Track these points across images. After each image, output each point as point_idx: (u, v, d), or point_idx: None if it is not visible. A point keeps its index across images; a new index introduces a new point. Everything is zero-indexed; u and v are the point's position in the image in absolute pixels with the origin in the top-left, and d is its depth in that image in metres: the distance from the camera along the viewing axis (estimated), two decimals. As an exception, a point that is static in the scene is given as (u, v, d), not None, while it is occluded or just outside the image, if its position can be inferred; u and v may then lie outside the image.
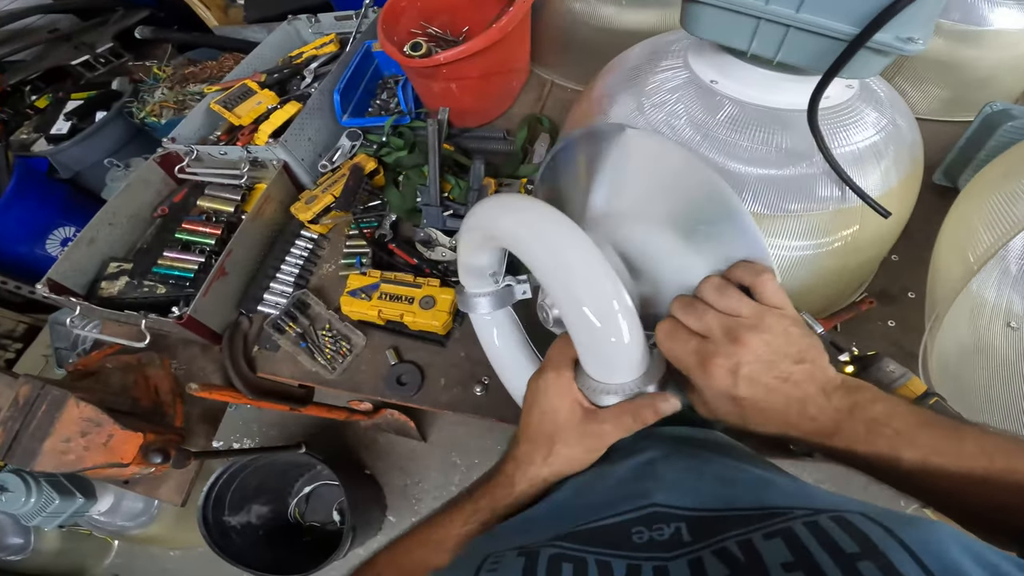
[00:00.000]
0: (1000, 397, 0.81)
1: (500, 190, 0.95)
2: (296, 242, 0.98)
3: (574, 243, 0.43)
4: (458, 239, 0.59)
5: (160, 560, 1.88)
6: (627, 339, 0.41)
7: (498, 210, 0.50)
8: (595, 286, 0.41)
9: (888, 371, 0.65)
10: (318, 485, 1.74)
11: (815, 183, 0.68)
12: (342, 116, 1.04)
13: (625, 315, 0.41)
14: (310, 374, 0.93)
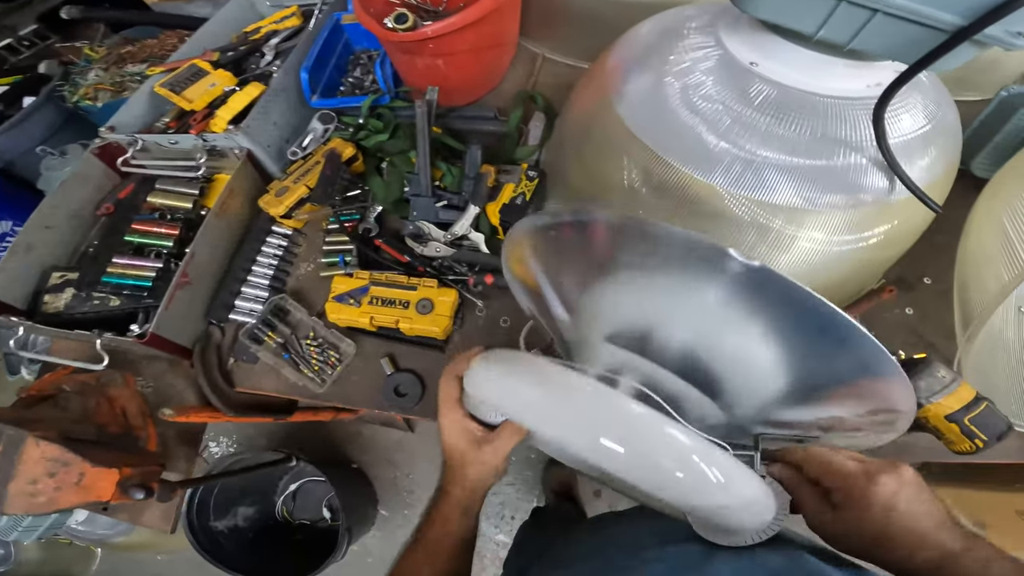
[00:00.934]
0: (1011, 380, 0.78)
1: (500, 177, 0.84)
2: (268, 240, 0.85)
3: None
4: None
5: (147, 565, 1.76)
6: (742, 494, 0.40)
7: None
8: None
9: (940, 376, 0.60)
10: (304, 482, 1.64)
11: (859, 175, 0.60)
12: (311, 97, 0.89)
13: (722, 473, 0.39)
14: (296, 388, 0.82)
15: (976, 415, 0.60)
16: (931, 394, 0.61)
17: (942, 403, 0.60)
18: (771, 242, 0.65)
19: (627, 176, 0.70)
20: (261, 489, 1.60)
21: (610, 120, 0.70)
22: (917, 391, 0.61)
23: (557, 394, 0.42)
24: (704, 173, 0.63)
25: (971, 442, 0.61)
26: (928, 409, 0.61)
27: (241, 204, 0.84)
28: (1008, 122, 0.80)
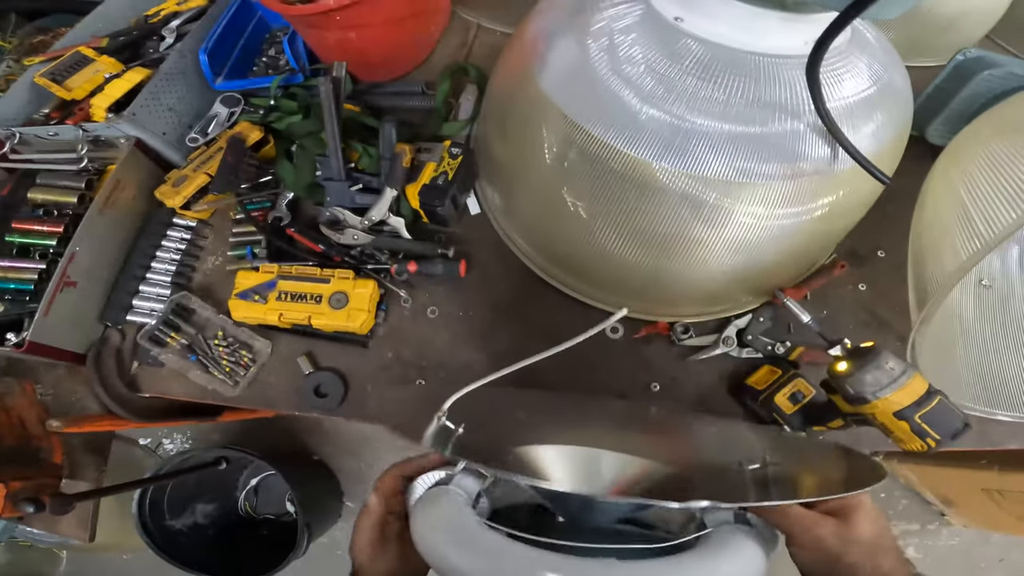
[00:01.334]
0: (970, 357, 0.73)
1: (417, 157, 0.76)
2: (168, 233, 0.76)
3: None
4: None
5: (114, 564, 1.72)
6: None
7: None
8: None
9: (888, 368, 0.54)
10: (265, 476, 1.59)
11: (798, 143, 0.53)
12: (215, 79, 0.81)
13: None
14: (207, 391, 0.75)
15: (928, 411, 0.53)
16: (878, 388, 0.54)
17: (890, 399, 0.54)
18: (706, 218, 0.59)
19: (548, 149, 0.63)
20: (220, 485, 1.54)
21: (530, 90, 0.62)
22: (863, 385, 0.55)
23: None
24: (629, 144, 0.55)
25: (922, 441, 0.55)
26: (875, 405, 0.55)
27: (134, 196, 0.75)
28: (965, 87, 0.74)
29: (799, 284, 0.76)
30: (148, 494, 1.35)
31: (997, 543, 1.56)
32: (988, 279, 0.76)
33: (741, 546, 0.39)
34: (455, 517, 0.41)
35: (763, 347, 0.74)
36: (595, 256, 0.68)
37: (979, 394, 0.70)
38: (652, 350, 0.77)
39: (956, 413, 0.55)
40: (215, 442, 1.65)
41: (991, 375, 0.71)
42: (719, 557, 0.39)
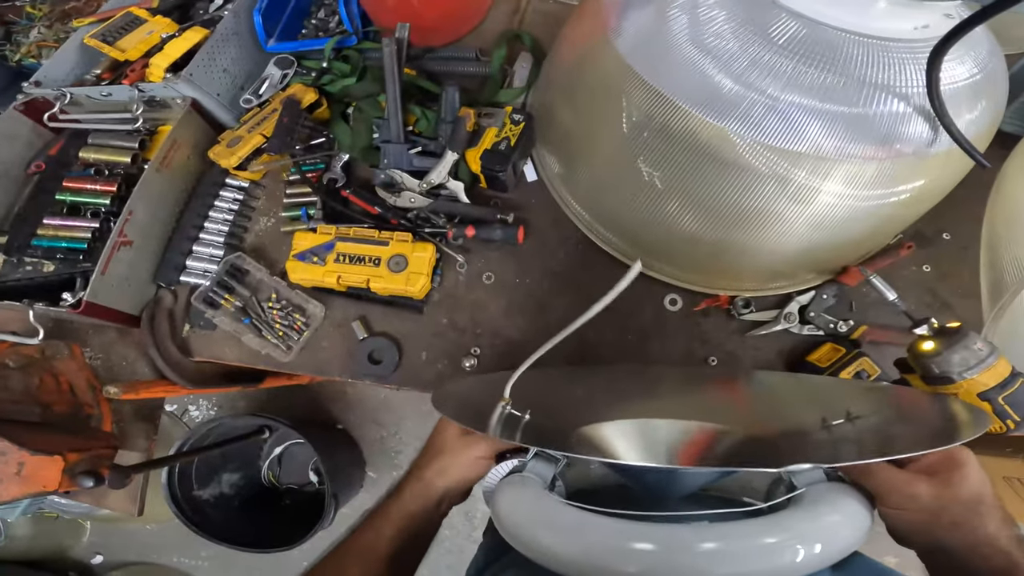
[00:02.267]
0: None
1: (480, 121, 0.74)
2: (221, 193, 0.74)
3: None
4: None
5: (138, 535, 1.73)
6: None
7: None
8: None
9: (976, 349, 0.52)
10: (288, 445, 1.58)
11: (898, 124, 0.51)
12: (267, 41, 0.78)
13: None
14: (260, 356, 0.74)
15: (1011, 393, 0.53)
16: (965, 369, 0.53)
17: (977, 379, 0.53)
18: (791, 194, 0.57)
19: (627, 120, 0.60)
20: (245, 455, 1.54)
21: (607, 58, 0.60)
22: (950, 365, 0.54)
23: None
24: (717, 117, 0.53)
25: (1002, 422, 0.54)
26: (960, 385, 0.54)
27: (188, 156, 0.73)
28: None
29: (865, 263, 0.74)
30: (177, 465, 1.35)
31: None
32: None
33: (839, 500, 0.38)
34: (536, 499, 0.42)
35: (825, 324, 0.73)
36: (660, 227, 0.67)
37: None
38: (710, 323, 0.75)
39: None
40: (241, 409, 1.64)
41: None
42: (818, 511, 0.37)
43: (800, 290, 0.75)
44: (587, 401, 0.63)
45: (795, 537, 0.34)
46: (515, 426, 0.49)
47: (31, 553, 1.66)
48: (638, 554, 0.34)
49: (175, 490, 1.35)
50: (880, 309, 0.74)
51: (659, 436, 0.54)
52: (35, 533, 1.66)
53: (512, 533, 0.40)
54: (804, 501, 0.38)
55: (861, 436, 0.47)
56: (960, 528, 0.37)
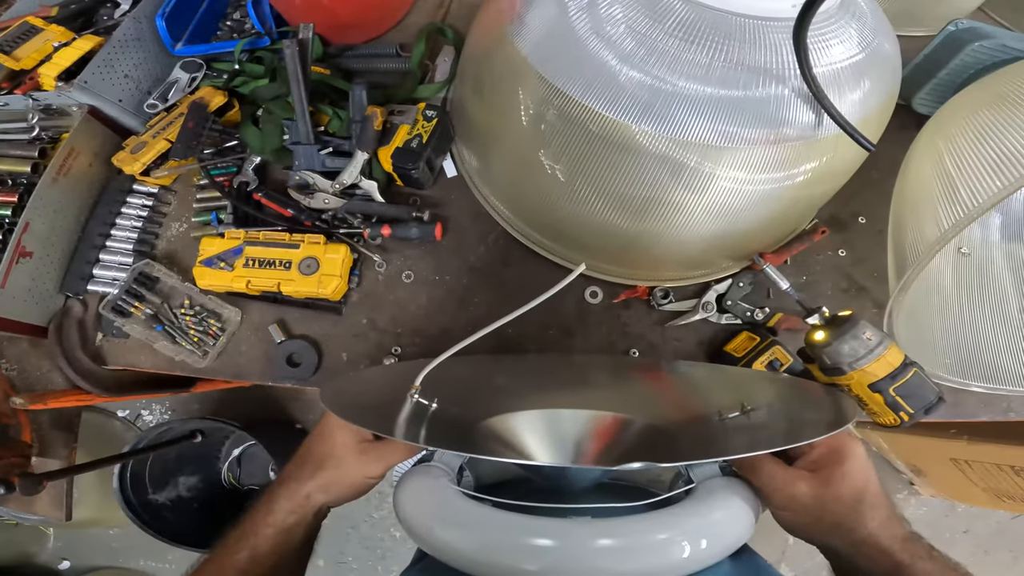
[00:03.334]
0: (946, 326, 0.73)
1: (390, 119, 0.73)
2: (129, 200, 0.72)
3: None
4: None
5: (102, 539, 1.72)
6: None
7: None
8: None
9: (865, 339, 0.52)
10: (247, 446, 1.57)
11: (783, 108, 0.51)
12: (174, 45, 0.76)
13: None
14: (175, 363, 0.73)
15: (903, 384, 0.52)
16: (855, 359, 0.53)
17: (866, 370, 0.52)
18: (686, 182, 0.56)
19: (524, 113, 0.60)
20: (201, 457, 1.52)
21: (506, 50, 0.59)
22: (840, 355, 0.54)
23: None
24: (608, 106, 0.53)
25: (895, 415, 0.54)
26: (851, 376, 0.54)
27: (90, 164, 0.71)
28: (954, 58, 0.72)
29: (779, 249, 0.74)
30: (128, 469, 1.33)
31: (962, 514, 1.57)
32: (968, 247, 0.76)
33: (727, 497, 0.39)
34: (438, 493, 0.41)
35: (742, 313, 0.73)
36: (573, 219, 0.66)
37: (953, 364, 0.69)
38: (631, 315, 0.75)
39: (930, 386, 0.54)
40: (195, 412, 1.62)
41: (966, 345, 0.71)
42: (705, 508, 0.39)
43: (718, 279, 0.75)
44: (506, 390, 0.63)
45: (682, 533, 0.36)
46: (422, 416, 0.50)
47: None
48: (536, 550, 0.35)
49: (128, 494, 1.33)
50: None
51: (564, 427, 0.54)
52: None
53: (410, 527, 0.40)
54: (695, 496, 0.40)
55: (754, 429, 0.47)
56: (840, 528, 0.37)
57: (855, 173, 0.76)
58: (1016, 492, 1.18)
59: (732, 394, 0.60)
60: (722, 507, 0.39)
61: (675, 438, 0.49)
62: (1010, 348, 0.72)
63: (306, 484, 0.44)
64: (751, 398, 0.50)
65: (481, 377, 0.65)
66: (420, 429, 0.45)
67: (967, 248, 0.76)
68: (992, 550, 1.57)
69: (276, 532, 0.42)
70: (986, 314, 0.74)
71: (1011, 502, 1.24)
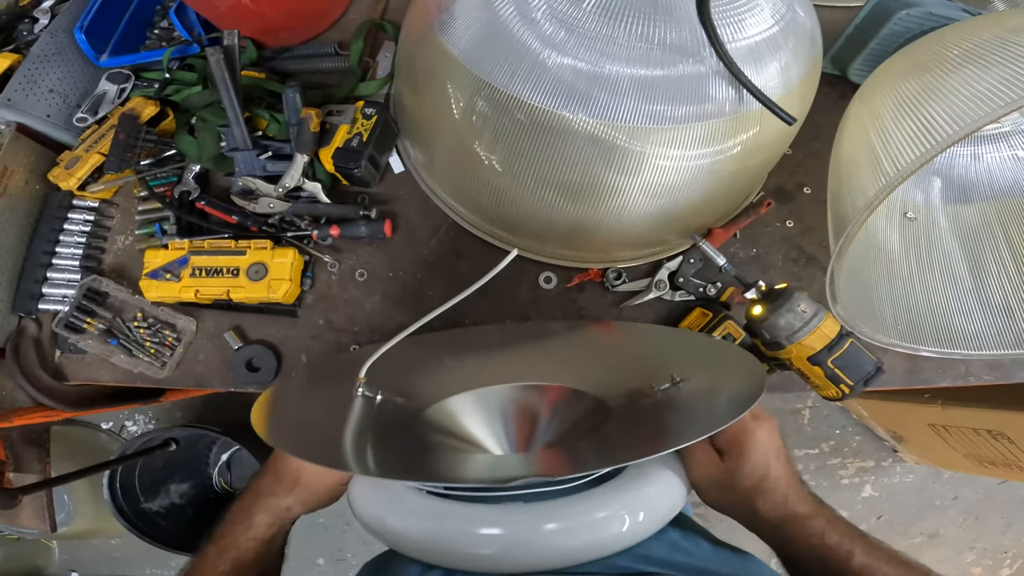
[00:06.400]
0: (895, 292, 0.74)
1: (328, 120, 0.72)
2: (70, 216, 0.72)
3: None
4: None
5: (105, 550, 1.74)
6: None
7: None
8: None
9: (800, 311, 0.53)
10: (235, 451, 1.58)
11: (707, 84, 0.50)
12: (98, 57, 0.74)
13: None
14: (134, 375, 0.73)
15: (840, 355, 0.53)
16: (791, 332, 0.53)
17: (803, 343, 0.53)
18: (617, 164, 0.56)
19: (455, 106, 0.59)
20: (190, 464, 1.53)
21: (432, 43, 0.58)
22: (777, 330, 0.54)
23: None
24: (532, 93, 0.52)
25: (836, 387, 0.55)
26: (790, 351, 0.54)
27: (26, 181, 0.70)
28: (884, 27, 0.71)
29: (727, 224, 0.74)
30: (117, 479, 1.33)
31: (950, 480, 1.56)
32: (913, 212, 0.76)
33: (659, 474, 0.42)
34: (387, 487, 0.43)
35: (695, 289, 0.74)
36: (517, 208, 0.66)
37: (906, 330, 0.70)
38: (586, 298, 0.75)
39: (867, 356, 0.55)
40: (178, 420, 1.63)
41: (917, 310, 0.71)
42: (639, 483, 0.40)
43: (669, 256, 0.75)
44: (453, 369, 0.64)
45: (622, 508, 0.39)
46: (370, 416, 0.50)
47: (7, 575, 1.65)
48: (484, 538, 0.38)
49: (120, 504, 1.34)
50: (747, 270, 0.75)
51: (492, 405, 0.56)
52: (4, 556, 1.66)
53: (363, 514, 0.42)
54: (627, 473, 0.42)
55: (679, 408, 0.48)
56: (742, 505, 0.39)
57: (799, 144, 0.76)
58: (996, 457, 1.17)
59: (672, 355, 0.62)
60: (654, 482, 0.41)
61: (613, 415, 0.50)
62: (961, 310, 0.73)
63: (285, 499, 0.45)
64: (683, 365, 0.51)
65: (431, 358, 0.66)
66: (367, 441, 0.47)
67: (912, 213, 0.76)
68: (983, 516, 1.57)
69: (258, 544, 0.43)
70: (936, 277, 0.74)
71: (993, 467, 1.23)
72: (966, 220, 0.76)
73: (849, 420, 1.58)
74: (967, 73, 0.46)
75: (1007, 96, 0.40)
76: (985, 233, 0.75)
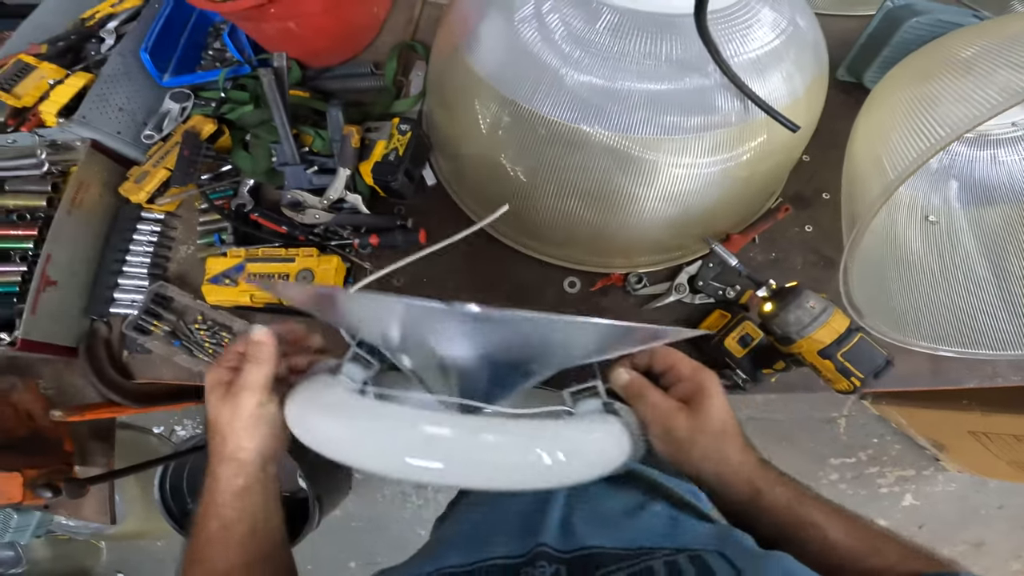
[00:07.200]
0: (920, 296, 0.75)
1: (367, 136, 0.79)
2: (139, 227, 0.81)
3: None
4: None
5: (151, 552, 1.83)
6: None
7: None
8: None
9: (809, 307, 0.56)
10: (277, 454, 1.67)
11: (713, 96, 0.55)
12: (161, 76, 0.83)
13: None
14: (194, 374, 0.80)
15: (849, 349, 0.56)
16: (801, 327, 0.57)
17: (813, 337, 0.56)
18: (633, 173, 0.62)
19: (483, 121, 0.65)
20: (234, 466, 1.62)
21: (460, 63, 0.65)
22: (787, 325, 0.57)
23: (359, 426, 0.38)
24: (553, 109, 0.58)
25: (847, 380, 0.57)
26: (801, 345, 0.57)
27: (100, 195, 0.79)
28: (895, 35, 0.75)
29: (745, 229, 0.78)
30: (167, 480, 1.44)
31: (995, 489, 1.52)
32: (935, 215, 0.78)
33: (607, 425, 0.42)
34: (328, 391, 0.41)
35: (714, 292, 0.77)
36: (541, 216, 0.71)
37: (926, 331, 0.71)
38: (609, 301, 0.80)
39: (877, 350, 0.57)
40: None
41: (938, 311, 0.73)
42: (583, 427, 0.41)
43: (689, 260, 0.79)
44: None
45: (547, 444, 0.37)
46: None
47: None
48: (418, 437, 0.36)
49: (169, 504, 1.43)
50: (768, 272, 0.78)
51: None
52: (54, 556, 1.74)
53: (295, 423, 0.41)
54: (575, 417, 0.43)
55: None
56: (709, 459, 0.42)
57: (817, 151, 0.79)
58: (1042, 464, 1.16)
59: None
60: (598, 430, 0.41)
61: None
62: (984, 311, 0.74)
63: (229, 443, 0.43)
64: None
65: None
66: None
67: (934, 216, 0.78)
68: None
69: (233, 497, 0.43)
70: (958, 279, 0.76)
71: (1039, 475, 1.21)
72: (989, 222, 0.78)
73: (888, 429, 1.56)
74: (956, 77, 0.49)
75: (991, 100, 0.43)
76: (1008, 235, 0.77)
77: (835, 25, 0.88)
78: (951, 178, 0.76)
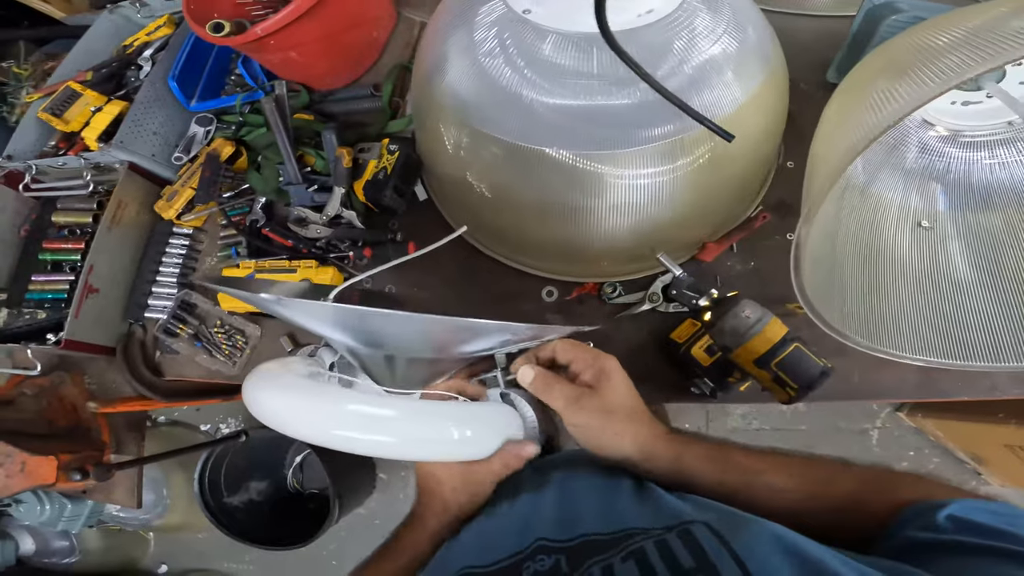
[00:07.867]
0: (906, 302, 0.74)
1: (360, 156, 0.87)
2: (171, 241, 0.93)
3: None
4: None
5: (192, 545, 1.97)
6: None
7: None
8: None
9: (744, 317, 0.57)
10: (308, 453, 1.78)
11: (649, 109, 0.59)
12: (188, 102, 0.96)
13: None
14: (213, 372, 0.91)
15: (783, 359, 0.57)
16: (737, 336, 0.58)
17: (747, 347, 0.58)
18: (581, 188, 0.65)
19: (447, 140, 0.71)
20: (269, 463, 1.75)
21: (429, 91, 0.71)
22: (723, 335, 0.59)
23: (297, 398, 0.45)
24: (497, 129, 0.64)
25: (783, 390, 0.58)
26: (739, 355, 0.59)
27: (137, 212, 0.92)
28: (876, 34, 0.75)
29: (721, 238, 0.79)
30: (207, 474, 1.57)
31: None
32: (928, 220, 0.77)
33: (501, 407, 0.51)
34: (282, 373, 0.47)
35: (688, 301, 0.78)
36: (512, 230, 0.77)
37: (921, 343, 0.70)
38: (585, 310, 0.83)
39: (812, 360, 0.58)
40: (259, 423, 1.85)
41: (929, 320, 0.71)
42: (475, 411, 0.49)
43: (661, 271, 0.81)
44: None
45: (458, 421, 0.46)
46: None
47: (105, 566, 1.91)
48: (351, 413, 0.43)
49: (207, 499, 1.57)
50: (745, 281, 0.80)
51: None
52: (105, 547, 1.90)
53: (245, 395, 0.47)
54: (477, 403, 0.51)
55: None
56: (625, 434, 0.44)
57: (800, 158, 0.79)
58: (1082, 477, 1.10)
59: None
60: (492, 408, 0.50)
61: None
62: (978, 321, 0.72)
63: (431, 523, 0.48)
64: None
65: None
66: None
67: (927, 222, 0.77)
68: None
69: (430, 537, 0.47)
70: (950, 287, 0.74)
71: (1080, 489, 1.15)
72: (987, 228, 0.76)
73: (924, 442, 1.50)
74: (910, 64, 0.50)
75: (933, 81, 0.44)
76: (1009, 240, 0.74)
77: (827, 27, 0.89)
78: (934, 181, 0.74)
